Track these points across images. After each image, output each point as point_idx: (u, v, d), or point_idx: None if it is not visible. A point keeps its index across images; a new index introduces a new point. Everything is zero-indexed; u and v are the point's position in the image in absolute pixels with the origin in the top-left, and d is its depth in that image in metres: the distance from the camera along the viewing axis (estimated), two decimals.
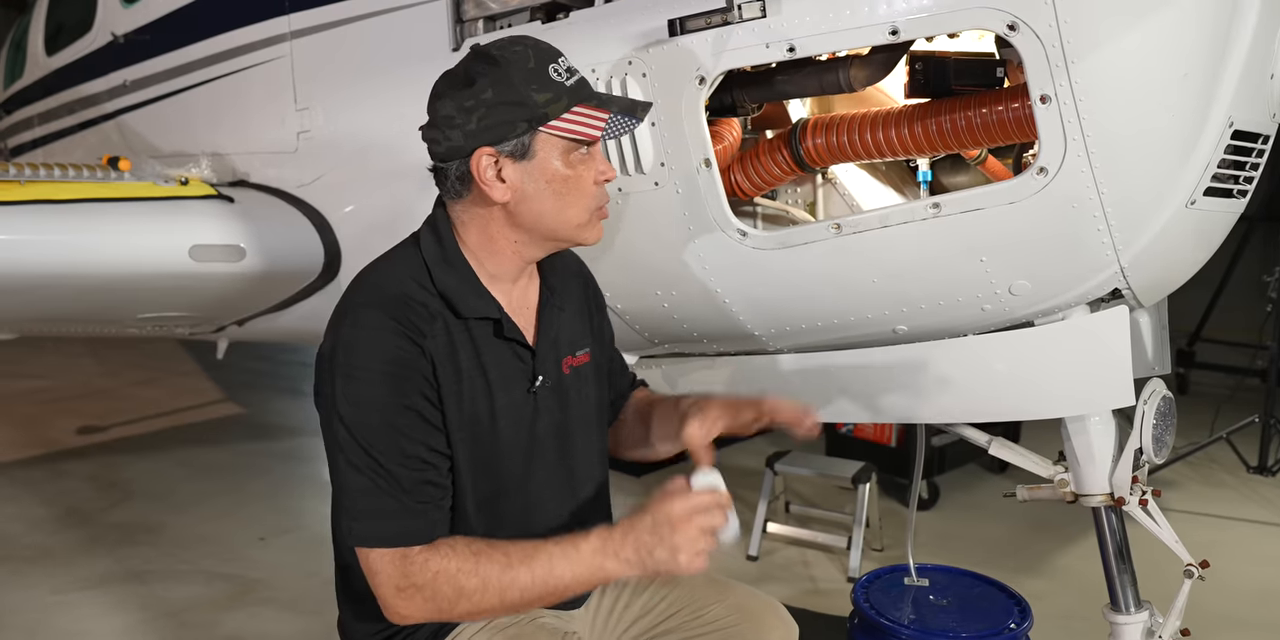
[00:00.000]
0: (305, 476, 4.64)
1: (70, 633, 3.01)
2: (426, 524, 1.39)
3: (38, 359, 6.86)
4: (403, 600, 1.36)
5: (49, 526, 3.92)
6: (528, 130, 1.40)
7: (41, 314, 3.04)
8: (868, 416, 2.14)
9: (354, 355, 1.38)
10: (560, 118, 1.40)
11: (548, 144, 1.42)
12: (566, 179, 1.43)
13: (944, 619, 2.20)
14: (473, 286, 1.48)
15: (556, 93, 1.40)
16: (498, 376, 1.49)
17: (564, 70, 1.42)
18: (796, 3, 1.67)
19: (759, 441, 4.99)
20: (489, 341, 1.49)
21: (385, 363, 1.37)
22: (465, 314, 1.46)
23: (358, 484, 1.37)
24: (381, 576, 1.37)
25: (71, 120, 4.12)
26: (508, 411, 1.50)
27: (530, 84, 1.39)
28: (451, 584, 1.35)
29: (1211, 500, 4.20)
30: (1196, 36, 1.50)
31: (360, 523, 1.37)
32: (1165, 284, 1.82)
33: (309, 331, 3.48)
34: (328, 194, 2.74)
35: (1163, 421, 1.89)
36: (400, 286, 1.44)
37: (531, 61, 1.41)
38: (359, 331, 1.39)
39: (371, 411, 1.37)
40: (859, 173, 2.10)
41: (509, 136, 1.40)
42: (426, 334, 1.41)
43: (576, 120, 1.40)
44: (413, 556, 1.36)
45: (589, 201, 1.46)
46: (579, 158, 1.44)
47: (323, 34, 2.65)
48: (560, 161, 1.43)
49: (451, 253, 1.49)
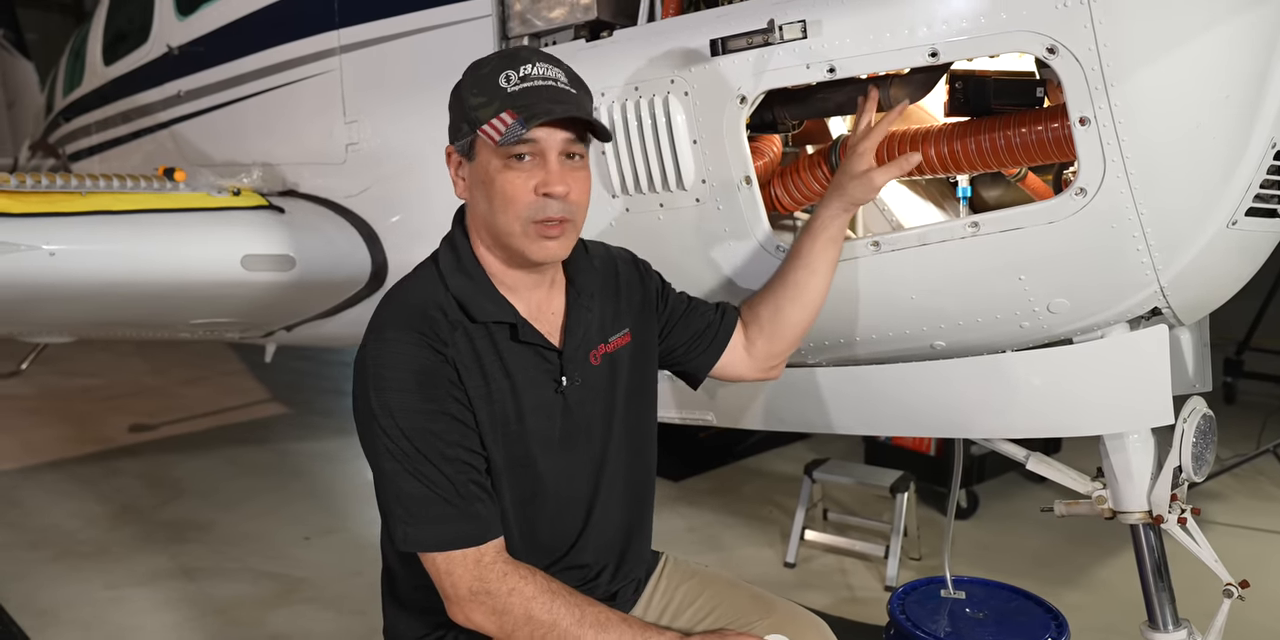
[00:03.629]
0: (349, 476, 4.73)
1: (124, 628, 3.11)
2: (481, 525, 1.44)
3: (89, 358, 7.04)
4: (474, 603, 1.41)
5: (104, 523, 4.04)
6: (469, 132, 1.47)
7: (100, 320, 3.13)
8: (904, 430, 2.16)
9: (383, 367, 1.44)
10: (488, 121, 1.43)
11: (484, 147, 1.46)
12: (493, 183, 1.46)
13: (980, 632, 2.20)
14: (486, 291, 1.52)
15: (491, 97, 1.43)
16: (524, 378, 1.53)
17: (519, 77, 1.43)
18: (837, 24, 1.69)
19: (799, 448, 5.02)
20: (509, 345, 1.53)
21: (414, 372, 1.43)
22: (479, 318, 1.50)
23: (407, 490, 1.42)
24: (455, 577, 1.41)
25: (127, 129, 4.23)
26: (537, 411, 1.54)
27: (473, 88, 1.46)
28: (524, 607, 1.40)
29: (1257, 513, 4.14)
30: (1238, 59, 1.50)
31: (417, 528, 1.42)
32: (1206, 303, 1.81)
33: (355, 337, 3.51)
34: (375, 205, 2.81)
35: (1203, 440, 1.88)
36: (420, 298, 1.50)
37: (488, 67, 1.47)
38: (385, 345, 1.45)
39: (409, 419, 1.42)
40: (899, 188, 2.11)
41: (457, 137, 1.50)
42: (448, 342, 1.46)
43: (493, 125, 1.42)
44: (488, 563, 1.42)
45: (519, 210, 1.45)
46: (514, 164, 1.45)
47: (372, 49, 2.71)
48: (493, 165, 1.46)
49: (466, 260, 1.54)
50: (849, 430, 2.13)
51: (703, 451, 4.76)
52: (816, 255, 1.75)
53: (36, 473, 4.71)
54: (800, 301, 1.77)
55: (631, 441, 1.68)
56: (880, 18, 1.65)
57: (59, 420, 5.66)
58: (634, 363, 1.68)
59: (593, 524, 1.63)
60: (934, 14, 1.60)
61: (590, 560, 1.64)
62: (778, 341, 1.80)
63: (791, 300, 1.77)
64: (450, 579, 1.42)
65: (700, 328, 1.79)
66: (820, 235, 1.74)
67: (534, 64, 1.45)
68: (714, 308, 1.82)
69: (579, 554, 1.62)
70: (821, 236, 1.74)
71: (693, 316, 1.79)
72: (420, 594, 1.56)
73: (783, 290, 1.77)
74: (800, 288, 1.76)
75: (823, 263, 1.75)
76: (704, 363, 1.81)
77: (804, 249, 1.76)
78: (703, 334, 1.79)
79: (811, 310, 1.79)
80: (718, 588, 1.79)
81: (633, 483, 1.70)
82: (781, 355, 1.83)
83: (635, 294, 1.72)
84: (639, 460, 1.71)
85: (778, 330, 1.79)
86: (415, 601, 1.60)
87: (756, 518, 4.16)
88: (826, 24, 1.69)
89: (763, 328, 1.79)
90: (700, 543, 3.87)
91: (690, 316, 1.79)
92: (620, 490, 1.67)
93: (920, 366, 1.95)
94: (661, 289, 1.79)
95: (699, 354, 1.79)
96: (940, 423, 2.01)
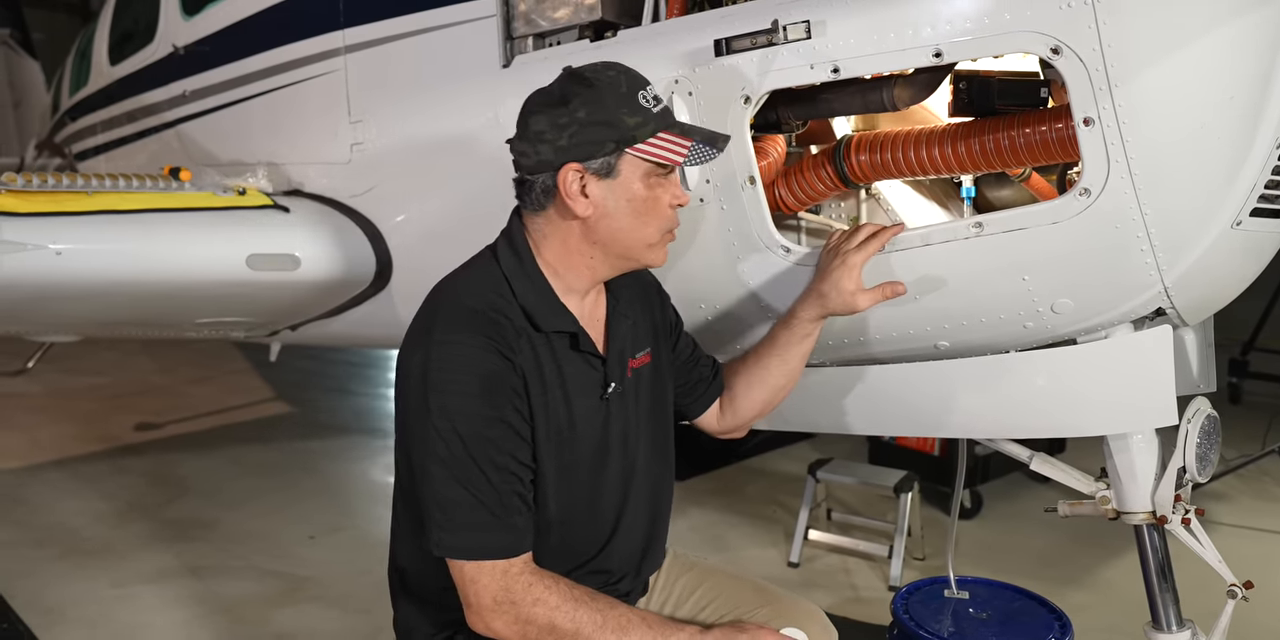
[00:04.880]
0: (354, 476, 4.74)
1: (130, 626, 3.12)
2: (517, 537, 1.45)
3: (96, 356, 7.06)
4: (497, 613, 1.42)
5: (110, 521, 4.06)
6: (615, 150, 1.47)
7: (106, 319, 3.14)
8: (908, 430, 2.16)
9: (446, 370, 1.43)
10: (646, 141, 1.47)
11: (631, 165, 1.49)
12: (645, 199, 1.51)
13: (984, 633, 2.20)
14: (550, 301, 1.54)
15: (645, 117, 1.47)
16: (575, 386, 1.55)
17: (651, 97, 1.50)
18: (841, 25, 1.69)
19: (802, 448, 5.01)
20: (566, 353, 1.55)
21: (479, 377, 1.43)
22: (544, 328, 1.52)
23: (450, 496, 1.42)
24: (480, 585, 1.42)
25: (133, 128, 4.24)
26: (585, 419, 1.56)
27: (622, 107, 1.46)
28: (547, 617, 1.41)
29: (1262, 514, 4.13)
30: (1242, 60, 1.50)
31: (453, 534, 1.42)
32: (1210, 303, 1.81)
33: (361, 336, 3.56)
34: (380, 205, 2.81)
35: (1207, 440, 1.88)
36: (484, 302, 1.50)
37: (624, 87, 1.48)
38: (449, 347, 1.44)
39: (467, 424, 1.42)
40: (903, 187, 2.11)
41: (597, 154, 1.47)
42: (516, 350, 1.47)
43: (661, 145, 1.48)
44: (515, 574, 1.42)
45: (663, 223, 1.54)
46: (658, 181, 1.52)
47: (376, 48, 2.71)
48: (641, 183, 1.50)
49: (530, 266, 1.55)
50: (853, 430, 2.13)
51: (706, 451, 4.76)
52: (791, 348, 1.81)
53: (42, 470, 4.73)
54: (769, 384, 1.85)
55: (655, 455, 1.72)
56: (884, 18, 1.65)
57: (65, 418, 5.68)
58: (653, 380, 1.73)
59: (620, 532, 1.65)
60: (938, 14, 1.60)
61: (614, 566, 1.66)
62: (742, 414, 1.89)
63: (762, 381, 1.85)
64: (475, 587, 1.42)
65: (694, 380, 1.86)
66: (796, 332, 1.80)
67: (648, 83, 1.53)
68: (710, 365, 1.89)
69: (605, 560, 1.65)
70: (797, 333, 1.80)
71: (693, 365, 1.86)
72: (438, 592, 1.57)
73: (756, 370, 1.85)
74: (771, 371, 1.84)
75: (795, 355, 1.82)
76: (686, 413, 1.89)
77: (780, 339, 1.82)
78: (695, 386, 1.86)
79: (780, 393, 1.88)
80: (717, 579, 1.84)
81: (655, 495, 1.73)
82: (746, 424, 1.92)
83: (656, 317, 1.78)
84: (663, 472, 1.75)
85: (745, 405, 1.88)
86: (431, 598, 1.61)
87: (760, 517, 4.16)
88: (830, 24, 1.69)
89: (734, 399, 1.88)
90: (704, 542, 3.87)
91: (691, 365, 1.86)
92: (645, 501, 1.70)
93: (924, 366, 1.95)
94: (676, 324, 1.85)
95: (686, 404, 1.87)
96: (944, 423, 2.01)
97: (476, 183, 2.38)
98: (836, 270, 1.73)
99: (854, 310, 1.74)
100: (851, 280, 1.72)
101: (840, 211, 2.16)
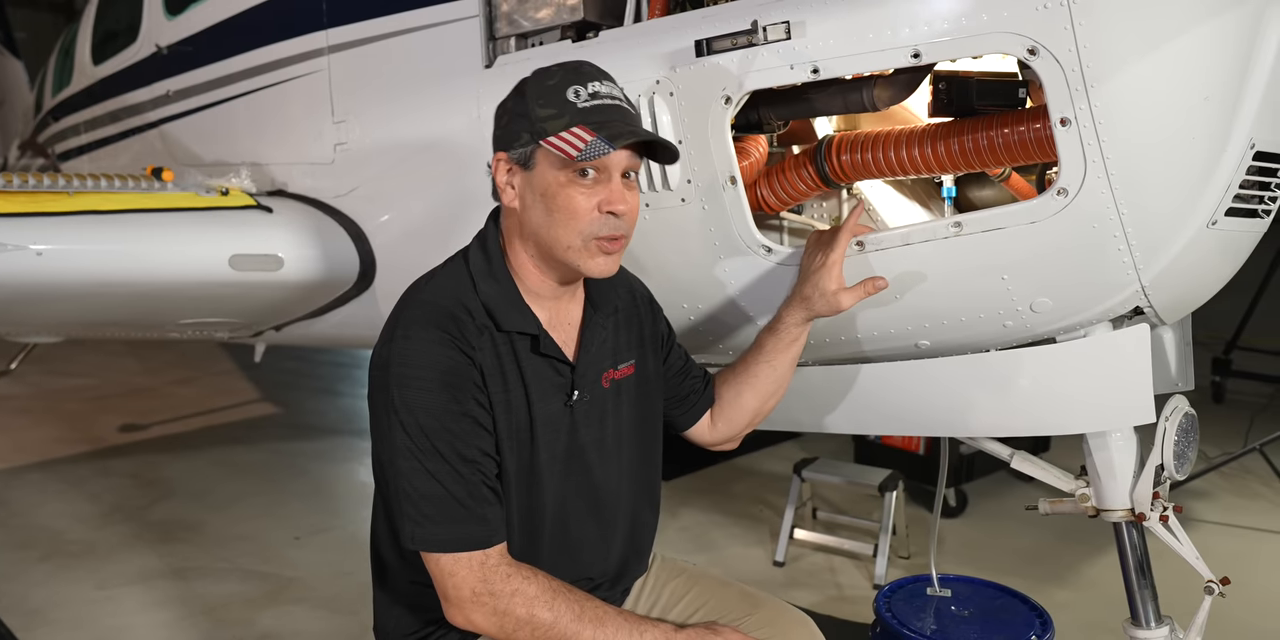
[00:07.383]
0: (339, 477, 4.73)
1: (114, 628, 3.11)
2: (489, 527, 1.44)
3: (80, 357, 7.03)
4: (475, 605, 1.41)
5: (94, 522, 4.04)
6: (530, 142, 1.47)
7: (88, 320, 3.13)
8: (891, 429, 2.17)
9: (408, 366, 1.44)
10: (557, 134, 1.44)
11: (546, 159, 1.48)
12: (555, 196, 1.48)
13: (965, 630, 2.22)
14: (514, 301, 1.54)
15: (560, 111, 1.46)
16: (538, 389, 1.55)
17: (588, 93, 1.47)
18: (821, 26, 1.69)
19: (788, 447, 5.03)
20: (529, 355, 1.55)
21: (440, 372, 1.44)
22: (505, 327, 1.52)
23: (420, 489, 1.42)
24: (458, 578, 1.41)
25: (116, 128, 4.22)
26: (546, 424, 1.56)
27: (539, 99, 1.47)
28: (526, 608, 1.41)
29: (1243, 511, 4.17)
30: (1217, 60, 1.51)
31: (426, 527, 1.42)
32: (1187, 302, 1.82)
33: (344, 337, 3.55)
34: (363, 205, 2.80)
35: (1185, 438, 1.89)
36: (448, 300, 1.51)
37: (554, 79, 1.48)
38: (411, 343, 1.45)
39: (430, 418, 1.43)
40: (884, 187, 2.12)
41: (514, 145, 1.50)
42: (475, 346, 1.47)
43: (565, 139, 1.44)
44: (493, 566, 1.42)
45: (581, 226, 1.48)
46: (573, 179, 1.47)
47: (360, 49, 2.71)
48: (554, 178, 1.48)
49: (497, 266, 1.55)
50: (836, 429, 2.14)
51: (692, 450, 4.75)
52: (779, 353, 1.82)
53: (26, 472, 4.70)
54: (758, 390, 1.85)
55: (641, 466, 1.72)
56: (863, 19, 1.65)
57: (49, 420, 5.66)
58: (638, 393, 1.72)
59: (590, 541, 1.65)
60: (916, 15, 1.61)
61: (584, 578, 1.65)
62: (734, 423, 1.89)
63: (751, 388, 1.85)
64: (453, 580, 1.42)
65: (685, 393, 1.86)
66: (783, 337, 1.81)
67: (600, 81, 1.50)
68: (702, 377, 1.89)
69: (575, 566, 1.63)
70: (785, 338, 1.81)
71: (684, 378, 1.86)
72: (416, 590, 1.57)
73: (745, 378, 1.85)
74: (760, 378, 1.84)
75: (783, 361, 1.83)
76: (676, 425, 1.90)
77: (766, 345, 1.82)
78: (685, 399, 1.87)
79: (770, 400, 1.88)
80: (705, 585, 1.82)
81: (637, 506, 1.73)
82: (738, 434, 1.92)
83: (646, 329, 1.77)
84: (649, 484, 1.75)
85: (735, 413, 1.88)
86: (409, 596, 1.61)
87: (746, 516, 4.17)
88: (810, 25, 1.70)
89: (723, 408, 1.88)
90: (690, 542, 3.88)
91: (682, 377, 1.86)
92: (625, 512, 1.70)
93: (905, 365, 1.96)
94: (668, 337, 1.85)
95: (677, 416, 1.87)
96: (926, 421, 2.02)
97: (459, 183, 2.39)
98: (817, 272, 1.74)
99: (839, 310, 1.75)
100: (833, 280, 1.73)
101: (822, 211, 2.17)
